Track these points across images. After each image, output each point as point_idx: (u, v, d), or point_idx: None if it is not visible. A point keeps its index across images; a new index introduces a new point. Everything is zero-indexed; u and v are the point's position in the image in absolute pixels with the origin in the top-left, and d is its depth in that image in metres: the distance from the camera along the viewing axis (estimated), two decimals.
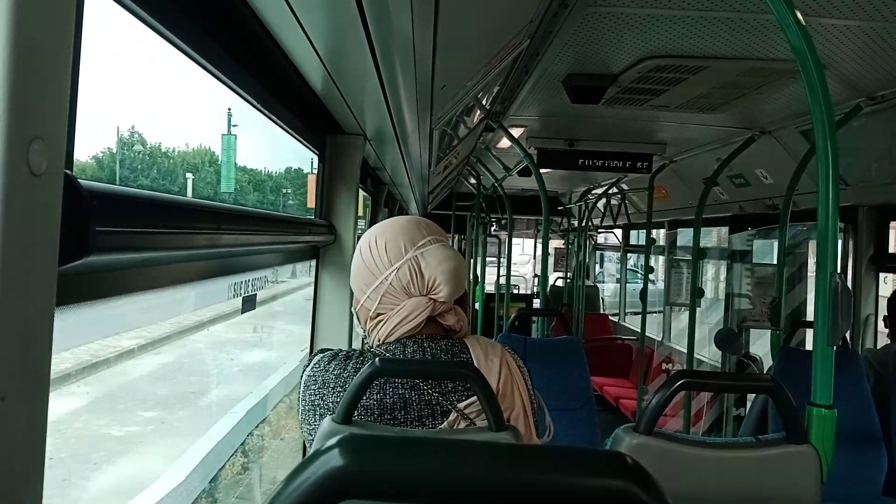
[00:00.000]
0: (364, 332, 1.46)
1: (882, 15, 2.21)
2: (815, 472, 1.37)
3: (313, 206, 2.40)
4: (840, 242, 4.14)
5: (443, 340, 1.40)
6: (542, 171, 4.61)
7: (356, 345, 2.50)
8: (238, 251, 1.31)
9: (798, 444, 1.38)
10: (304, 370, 1.40)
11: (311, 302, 2.39)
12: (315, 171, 2.36)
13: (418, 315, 1.36)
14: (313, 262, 2.35)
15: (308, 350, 2.40)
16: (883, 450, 3.14)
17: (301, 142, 2.07)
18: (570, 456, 0.48)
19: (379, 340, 1.39)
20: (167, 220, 0.83)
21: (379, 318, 1.39)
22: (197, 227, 0.93)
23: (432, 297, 1.37)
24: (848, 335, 3.90)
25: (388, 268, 1.38)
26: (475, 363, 1.37)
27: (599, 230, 9.70)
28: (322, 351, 1.43)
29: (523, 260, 15.00)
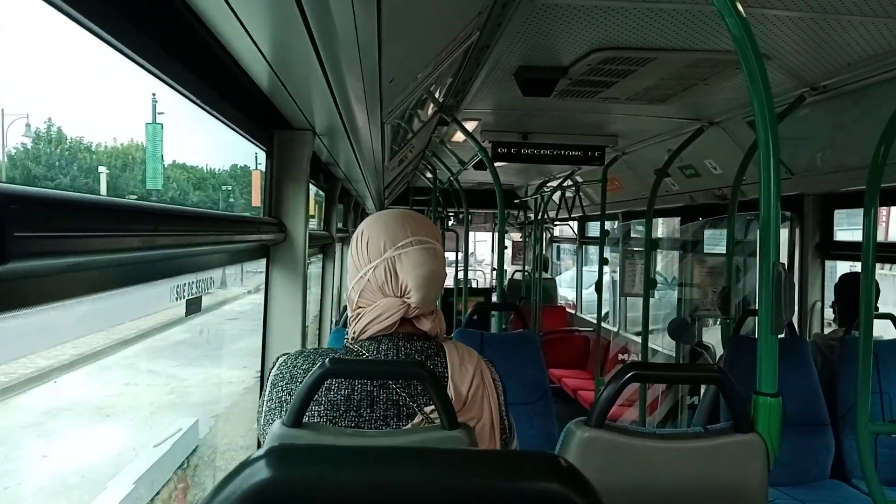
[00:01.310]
0: (349, 320, 1.45)
1: (822, 7, 2.25)
2: (762, 460, 1.39)
3: (259, 205, 2.36)
4: (787, 231, 4.24)
5: (419, 342, 1.39)
6: (497, 164, 4.61)
7: (311, 346, 2.47)
8: (179, 253, 1.28)
9: (745, 432, 1.40)
10: (271, 371, 1.38)
11: (236, 322, 2.35)
12: (261, 168, 2.31)
13: (390, 316, 1.35)
14: (258, 263, 2.31)
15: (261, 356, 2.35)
16: (830, 434, 3.22)
17: (247, 138, 2.03)
18: (503, 460, 0.47)
19: (355, 333, 1.38)
20: (95, 223, 0.79)
21: (358, 312, 1.39)
22: (130, 229, 0.90)
23: (406, 300, 1.36)
24: (796, 322, 3.99)
25: (367, 264, 1.38)
26: (449, 368, 1.36)
27: (556, 223, 9.78)
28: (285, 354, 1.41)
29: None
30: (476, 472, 0.45)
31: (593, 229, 9.07)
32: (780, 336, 1.59)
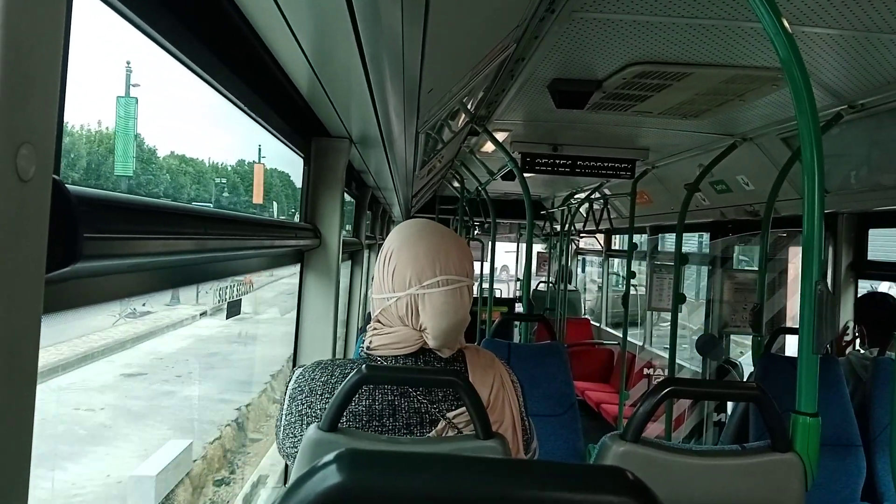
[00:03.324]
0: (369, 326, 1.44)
1: (864, 24, 2.23)
2: (799, 481, 1.38)
3: (260, 202, 2.38)
4: None
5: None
6: (526, 175, 4.62)
7: (339, 353, 2.49)
8: (224, 256, 1.30)
9: (783, 452, 1.39)
10: (288, 384, 1.38)
11: (135, 385, 2.26)
12: (264, 161, 2.31)
13: (407, 346, 1.34)
14: (281, 270, 2.33)
15: (292, 362, 2.37)
16: (861, 455, 3.17)
17: (287, 144, 2.06)
18: (571, 472, 0.47)
19: (370, 343, 1.38)
20: (155, 226, 0.81)
21: (376, 327, 1.38)
22: (184, 232, 0.92)
23: (424, 335, 1.35)
24: None
25: (390, 292, 1.35)
26: (469, 373, 1.36)
27: (582, 235, 9.73)
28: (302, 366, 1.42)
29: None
30: (546, 484, 0.46)
31: (617, 242, 9.03)
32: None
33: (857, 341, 3.70)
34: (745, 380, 4.34)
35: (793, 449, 1.42)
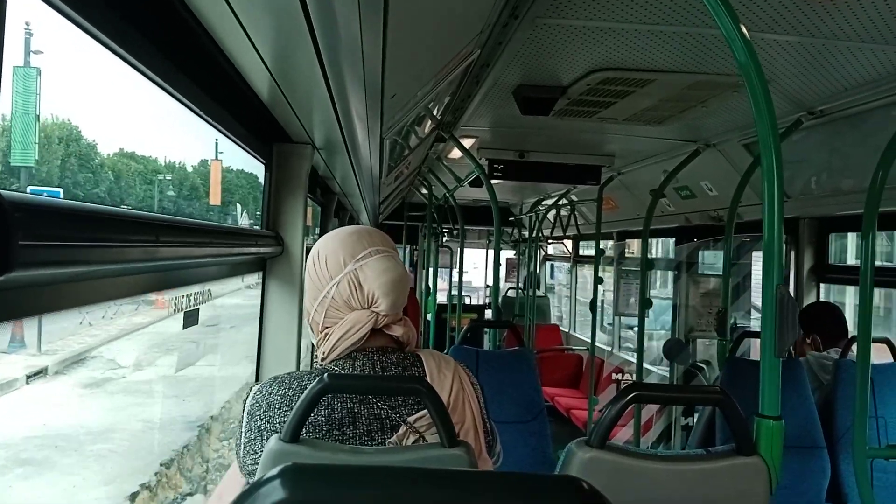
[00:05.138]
0: (316, 344, 1.44)
1: (821, 32, 2.27)
2: (764, 483, 1.38)
3: (218, 203, 2.33)
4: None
5: (393, 354, 1.39)
6: (493, 181, 4.62)
7: (304, 361, 2.46)
8: (179, 264, 1.26)
9: (747, 455, 1.39)
10: (245, 401, 1.36)
11: None
12: (221, 157, 2.24)
13: (360, 329, 1.34)
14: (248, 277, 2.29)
15: (255, 376, 2.33)
16: (825, 457, 3.20)
17: (247, 150, 2.03)
18: (524, 481, 0.46)
19: (324, 353, 1.37)
20: (98, 233, 0.78)
21: (325, 332, 1.38)
22: (132, 240, 0.89)
23: (374, 310, 1.36)
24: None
25: (329, 282, 1.37)
26: (428, 376, 1.35)
27: (550, 241, 9.77)
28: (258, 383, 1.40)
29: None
30: (498, 496, 0.44)
31: (586, 248, 9.09)
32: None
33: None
34: (711, 383, 4.38)
35: (757, 452, 1.42)
